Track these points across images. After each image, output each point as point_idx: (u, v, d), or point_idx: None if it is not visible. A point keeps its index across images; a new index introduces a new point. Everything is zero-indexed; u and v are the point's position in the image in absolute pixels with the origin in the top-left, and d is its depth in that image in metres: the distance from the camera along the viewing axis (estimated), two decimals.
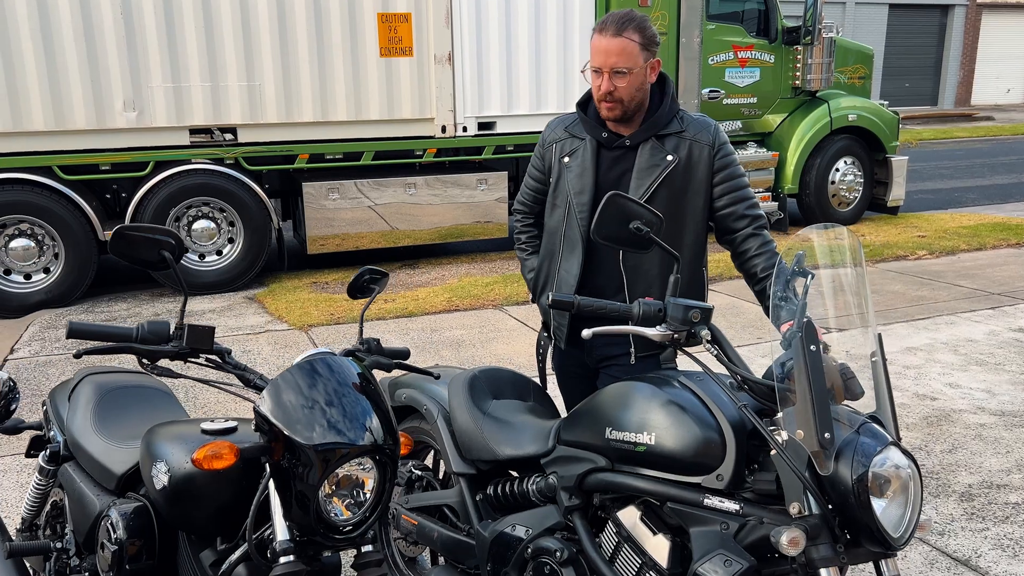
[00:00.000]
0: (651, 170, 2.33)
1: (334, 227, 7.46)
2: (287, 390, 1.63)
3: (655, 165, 2.33)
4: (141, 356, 1.71)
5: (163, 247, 1.74)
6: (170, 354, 1.72)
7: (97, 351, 1.67)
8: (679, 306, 1.77)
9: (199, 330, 1.74)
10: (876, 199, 9.60)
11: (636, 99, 2.30)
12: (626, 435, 1.83)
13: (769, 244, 2.37)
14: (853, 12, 25.76)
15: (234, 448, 1.60)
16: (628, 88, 2.26)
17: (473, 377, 2.45)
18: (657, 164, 2.33)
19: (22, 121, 6.38)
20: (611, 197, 1.84)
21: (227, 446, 1.60)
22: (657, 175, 2.32)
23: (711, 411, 1.77)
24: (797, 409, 1.60)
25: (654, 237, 1.83)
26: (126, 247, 1.73)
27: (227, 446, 1.60)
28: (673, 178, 2.33)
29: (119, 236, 1.71)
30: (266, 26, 6.85)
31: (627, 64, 2.24)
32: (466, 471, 2.35)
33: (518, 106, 7.82)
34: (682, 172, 2.34)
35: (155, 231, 1.74)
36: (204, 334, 1.74)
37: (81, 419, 2.28)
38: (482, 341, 5.62)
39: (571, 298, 1.84)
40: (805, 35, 8.74)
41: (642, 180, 2.33)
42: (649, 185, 2.32)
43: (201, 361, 1.79)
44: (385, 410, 1.69)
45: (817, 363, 1.59)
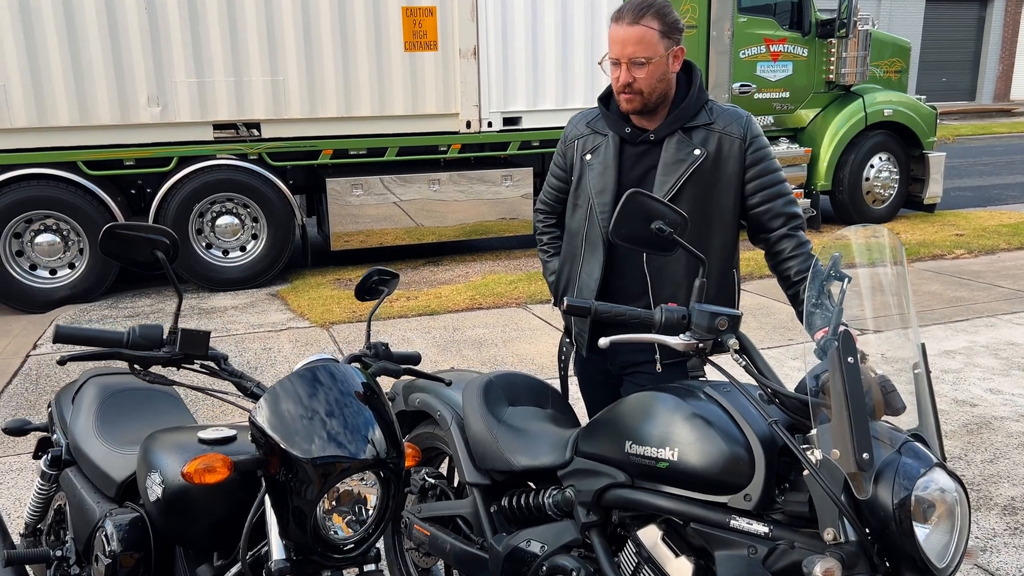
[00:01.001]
0: (677, 165, 2.20)
1: (358, 223, 7.40)
2: (285, 399, 1.54)
3: (681, 160, 2.20)
4: (132, 362, 1.62)
5: (157, 247, 1.65)
6: (162, 360, 1.63)
7: (84, 357, 1.59)
8: (704, 313, 1.64)
9: (193, 335, 1.65)
10: (912, 196, 9.33)
11: (658, 90, 2.18)
12: (647, 450, 1.72)
13: (805, 245, 2.23)
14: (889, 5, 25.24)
15: (227, 461, 1.51)
16: (648, 79, 2.13)
17: (488, 383, 2.34)
18: (683, 159, 2.20)
19: (47, 116, 6.38)
20: (631, 195, 1.72)
21: (220, 459, 1.51)
22: (684, 171, 2.19)
23: (739, 425, 1.65)
24: (833, 426, 1.47)
25: (678, 238, 1.71)
26: (117, 246, 1.63)
27: (220, 459, 1.51)
28: (701, 174, 2.20)
29: (109, 235, 1.61)
30: (290, 20, 6.80)
31: (646, 53, 2.11)
32: (480, 481, 2.24)
33: (544, 101, 7.69)
34: (711, 167, 2.21)
35: (148, 229, 1.65)
36: (198, 339, 1.65)
37: (84, 422, 2.21)
38: (504, 340, 5.52)
39: (587, 304, 1.72)
40: (840, 28, 8.51)
41: (667, 176, 2.20)
42: (675, 182, 2.19)
43: (196, 367, 1.70)
44: (390, 421, 1.59)
45: (855, 377, 1.46)
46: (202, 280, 6.99)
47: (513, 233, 8.02)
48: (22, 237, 6.57)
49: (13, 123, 6.32)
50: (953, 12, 26.22)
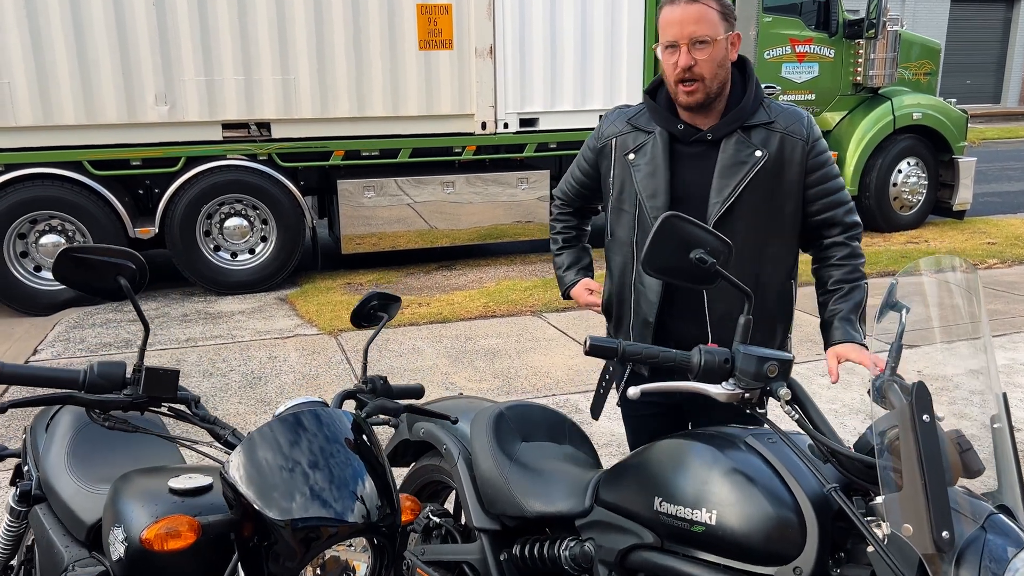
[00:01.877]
0: (737, 168, 1.98)
1: (370, 226, 7.21)
2: (263, 449, 1.33)
3: (742, 162, 1.98)
4: (88, 407, 1.41)
5: (120, 272, 1.44)
6: (124, 404, 1.43)
7: (31, 403, 1.38)
8: (751, 357, 1.41)
9: (160, 374, 1.44)
10: (941, 202, 9.04)
11: (719, 79, 1.96)
12: (680, 510, 1.50)
13: (855, 258, 2.05)
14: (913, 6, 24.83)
15: (195, 524, 1.31)
16: (710, 62, 1.92)
17: (499, 415, 2.13)
18: (744, 161, 1.98)
19: (53, 115, 6.23)
20: (667, 220, 1.49)
21: (186, 522, 1.31)
22: (744, 174, 1.98)
23: (787, 484, 1.43)
24: (904, 496, 1.24)
25: (721, 269, 1.48)
26: (74, 272, 1.42)
27: (186, 522, 1.31)
28: (762, 177, 1.99)
29: (64, 258, 1.40)
30: (302, 17, 6.61)
31: (708, 32, 1.90)
32: (489, 526, 2.03)
33: (562, 102, 7.47)
34: (772, 170, 2.00)
35: (111, 252, 1.44)
36: (166, 379, 1.44)
37: (56, 454, 2.02)
38: (518, 351, 5.30)
39: (614, 343, 1.50)
40: (868, 28, 8.23)
41: (726, 180, 1.98)
42: (735, 186, 1.98)
43: (164, 410, 1.49)
44: (384, 475, 1.38)
45: (932, 439, 1.23)
46: (209, 283, 6.82)
47: (529, 237, 7.80)
48: (27, 238, 6.42)
49: (18, 121, 6.17)
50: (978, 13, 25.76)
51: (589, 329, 5.75)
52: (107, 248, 1.44)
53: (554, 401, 4.46)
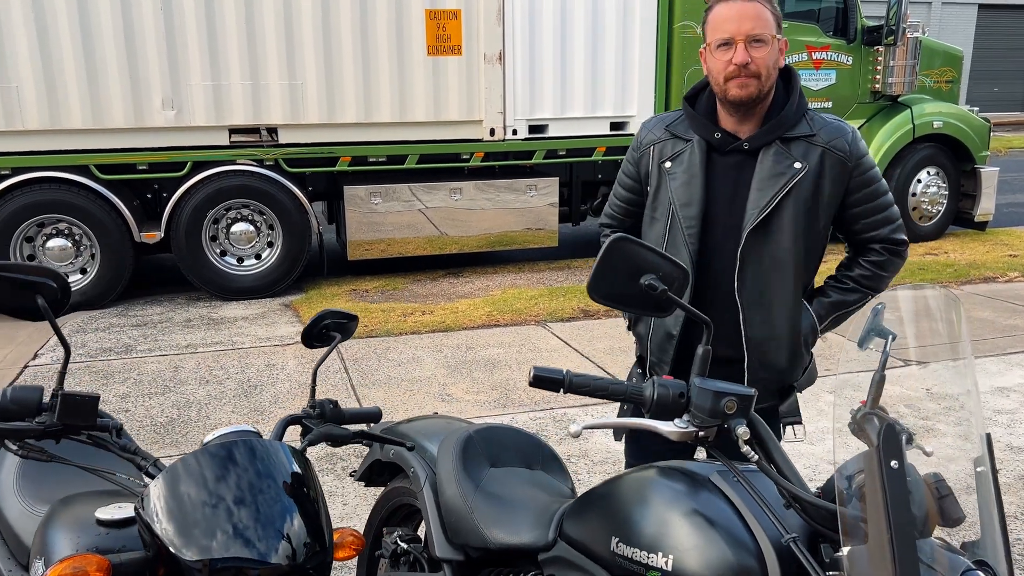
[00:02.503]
0: (775, 179, 1.91)
1: (376, 232, 7.15)
2: (185, 482, 1.25)
3: (780, 174, 1.91)
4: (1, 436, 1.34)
5: (40, 291, 1.37)
6: (36, 433, 1.35)
7: None
8: (707, 392, 1.31)
9: (77, 401, 1.36)
10: (962, 213, 8.83)
11: (771, 80, 1.91)
12: (636, 552, 1.40)
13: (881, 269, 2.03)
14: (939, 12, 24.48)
15: (104, 564, 1.23)
16: (766, 61, 1.87)
17: (468, 438, 2.03)
18: (783, 172, 1.91)
19: (60, 118, 6.24)
20: (614, 243, 1.39)
21: (95, 562, 1.23)
22: (782, 186, 1.91)
23: (750, 529, 1.32)
24: (871, 547, 1.14)
25: (673, 296, 1.38)
26: None
27: (95, 562, 1.23)
28: (800, 190, 1.92)
29: None
30: (309, 22, 6.57)
31: (765, 30, 1.86)
32: (452, 557, 1.93)
33: (572, 108, 7.37)
34: (810, 184, 1.93)
35: (29, 270, 1.37)
36: (83, 406, 1.36)
37: (6, 472, 1.95)
38: (519, 362, 5.21)
39: (558, 373, 1.39)
40: (888, 35, 8.06)
41: (764, 191, 1.92)
42: (772, 198, 1.91)
43: (82, 438, 1.41)
44: (316, 512, 1.29)
45: (900, 486, 1.12)
46: (215, 288, 6.79)
47: (537, 245, 7.71)
48: (34, 241, 6.43)
49: (25, 125, 6.18)
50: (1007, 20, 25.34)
51: (593, 340, 5.64)
52: (25, 266, 1.37)
53: (552, 415, 4.36)
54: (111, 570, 1.24)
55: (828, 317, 2.07)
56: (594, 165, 7.82)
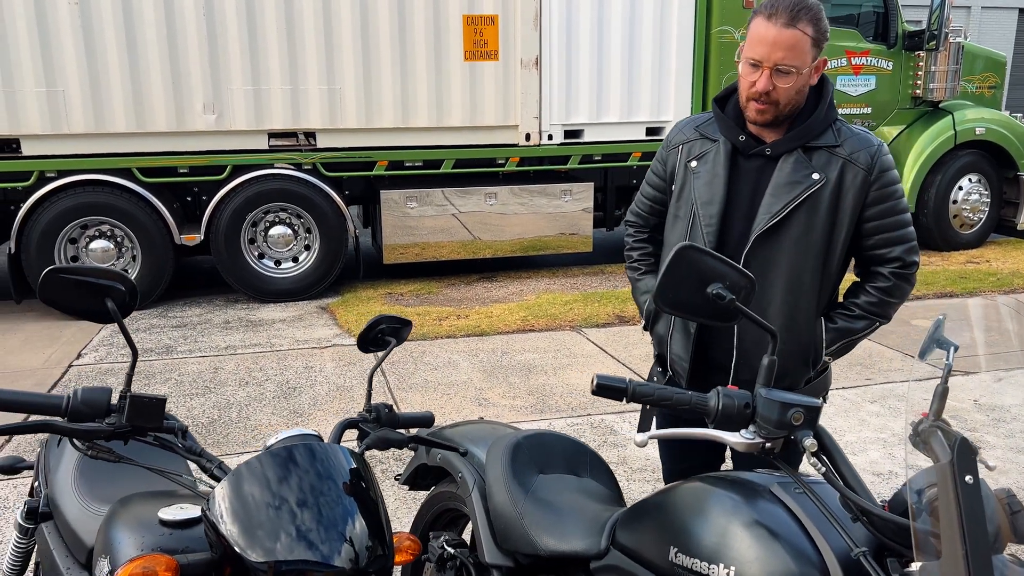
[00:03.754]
0: (790, 187, 1.91)
1: (412, 236, 7.19)
2: (249, 484, 1.27)
3: (796, 183, 1.91)
4: (69, 437, 1.36)
5: (109, 295, 1.39)
6: (106, 434, 1.37)
7: (10, 431, 1.34)
8: (774, 403, 1.30)
9: (145, 403, 1.38)
10: (1004, 221, 8.68)
11: (793, 103, 1.90)
12: (696, 563, 1.39)
13: (889, 295, 1.99)
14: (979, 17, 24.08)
15: (172, 564, 1.25)
16: (789, 91, 1.87)
17: (516, 445, 2.03)
18: (799, 182, 1.91)
19: (104, 122, 6.35)
20: (681, 250, 1.39)
21: (163, 562, 1.24)
22: (796, 195, 1.90)
23: (813, 540, 1.30)
24: (943, 564, 1.12)
25: (741, 306, 1.37)
26: (59, 292, 1.37)
27: (163, 562, 1.24)
28: (816, 202, 1.91)
29: (51, 280, 1.35)
30: (348, 28, 6.63)
31: (795, 62, 1.84)
32: (502, 563, 1.93)
33: (608, 114, 7.36)
34: (828, 196, 1.92)
35: (100, 274, 1.39)
36: (151, 408, 1.38)
37: (64, 471, 1.99)
38: (555, 368, 5.20)
39: (621, 382, 1.39)
40: (929, 40, 7.95)
41: (777, 198, 1.91)
42: (784, 205, 1.91)
43: (149, 440, 1.43)
44: (377, 514, 1.30)
45: (975, 502, 1.10)
46: (252, 291, 6.87)
47: (572, 250, 7.70)
48: (77, 243, 6.55)
49: (71, 129, 6.30)
50: None
51: (629, 347, 5.62)
52: (95, 269, 1.39)
53: (589, 421, 4.35)
54: (179, 570, 1.26)
55: (835, 344, 2.04)
56: (629, 170, 7.79)
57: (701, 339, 2.03)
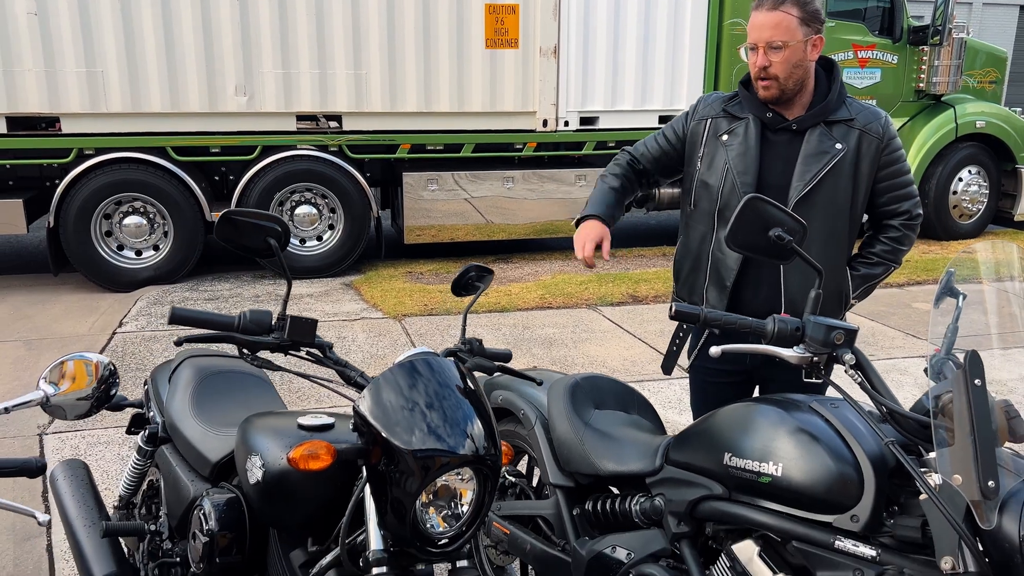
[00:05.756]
0: (819, 157, 2.21)
1: (431, 218, 7.46)
2: (388, 390, 1.54)
3: (823, 152, 2.21)
4: (241, 346, 1.65)
5: (269, 234, 1.68)
6: (271, 346, 1.66)
7: (198, 339, 1.62)
8: (820, 326, 1.59)
9: (301, 322, 1.67)
10: (1002, 212, 8.97)
11: (794, 77, 2.19)
12: (748, 463, 1.67)
13: (899, 243, 2.31)
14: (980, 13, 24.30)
15: (331, 449, 1.53)
16: (784, 64, 2.16)
17: (575, 384, 2.32)
18: (825, 151, 2.21)
19: (140, 103, 6.60)
20: (750, 201, 1.68)
21: (324, 446, 1.52)
22: (825, 163, 2.21)
23: (847, 443, 1.59)
24: (954, 450, 1.40)
25: (796, 247, 1.66)
26: (232, 232, 1.67)
27: (324, 446, 1.52)
28: (840, 168, 2.21)
29: (226, 220, 1.65)
30: (375, 15, 6.88)
31: (783, 37, 2.14)
32: (564, 483, 2.22)
33: (623, 101, 7.63)
34: (849, 163, 2.22)
35: (261, 217, 1.68)
36: (306, 327, 1.67)
37: (180, 402, 2.27)
38: (575, 341, 5.48)
39: (697, 310, 1.68)
40: (933, 35, 8.21)
41: (808, 167, 2.21)
42: (815, 173, 2.20)
43: (302, 354, 1.72)
44: (488, 417, 1.58)
45: (982, 400, 1.39)
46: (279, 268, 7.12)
47: None
48: (111, 218, 6.80)
49: (109, 108, 6.55)
50: None
51: (644, 323, 5.90)
52: (258, 212, 1.67)
53: None
54: (336, 454, 1.54)
55: (859, 288, 2.36)
56: None
57: (736, 295, 2.30)
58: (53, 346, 5.26)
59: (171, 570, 2.14)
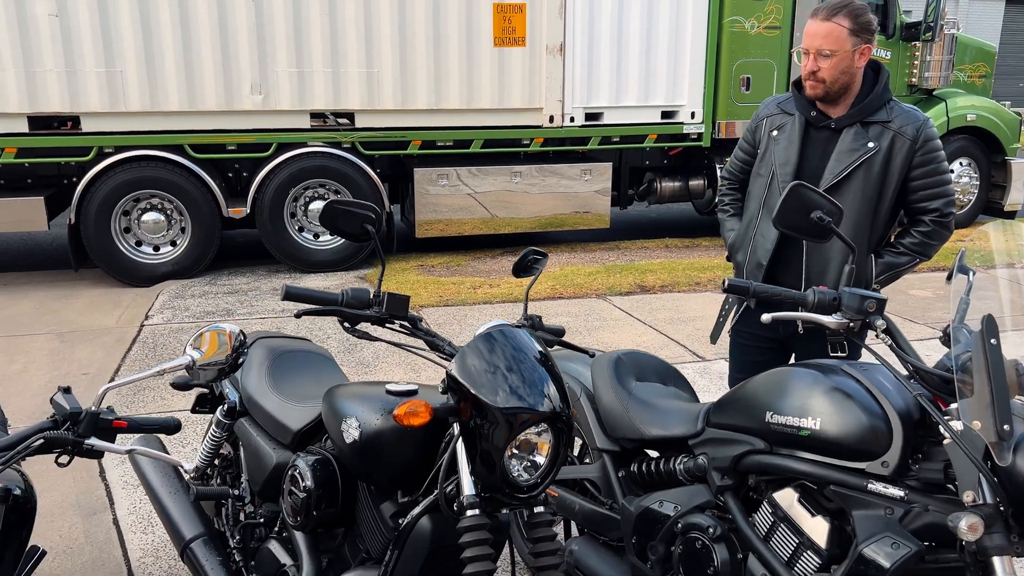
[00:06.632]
0: (850, 153, 2.46)
1: (441, 212, 7.66)
2: (475, 356, 1.75)
3: (855, 150, 2.46)
4: (346, 319, 1.86)
5: (365, 220, 1.89)
6: (371, 318, 1.87)
7: (311, 313, 1.83)
8: (855, 296, 1.82)
9: (397, 298, 1.88)
10: (992, 203, 9.25)
11: (840, 81, 2.43)
12: (789, 419, 1.89)
13: (929, 237, 2.51)
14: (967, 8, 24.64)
15: (429, 407, 1.73)
16: (831, 70, 2.40)
17: (618, 359, 2.53)
18: (857, 149, 2.45)
19: (159, 102, 6.77)
20: (794, 187, 1.91)
21: (423, 404, 1.73)
22: (855, 159, 2.45)
23: (876, 399, 1.81)
24: (974, 400, 1.62)
25: (834, 227, 1.88)
26: (335, 219, 1.89)
27: (423, 404, 1.73)
28: (871, 165, 2.45)
29: (329, 210, 1.87)
30: (386, 15, 7.07)
31: (831, 47, 2.38)
32: (610, 448, 2.44)
33: (626, 97, 7.84)
34: (881, 161, 2.45)
35: (359, 206, 1.89)
36: (401, 302, 1.88)
37: (256, 378, 2.47)
38: (588, 329, 5.70)
39: (747, 284, 1.91)
40: (925, 31, 8.47)
41: (840, 161, 2.46)
42: (845, 167, 2.45)
43: (396, 327, 1.93)
44: (560, 380, 1.79)
45: (997, 356, 1.61)
46: (294, 261, 7.32)
47: (588, 227, 8.20)
48: (130, 215, 6.97)
49: (128, 107, 6.71)
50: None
51: (653, 311, 6.13)
52: (356, 202, 1.89)
53: None
54: (433, 412, 1.74)
55: (883, 274, 2.59)
56: (642, 152, 8.30)
57: (771, 271, 2.55)
58: (85, 338, 5.44)
59: (255, 530, 2.35)
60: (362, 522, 1.98)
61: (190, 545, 2.33)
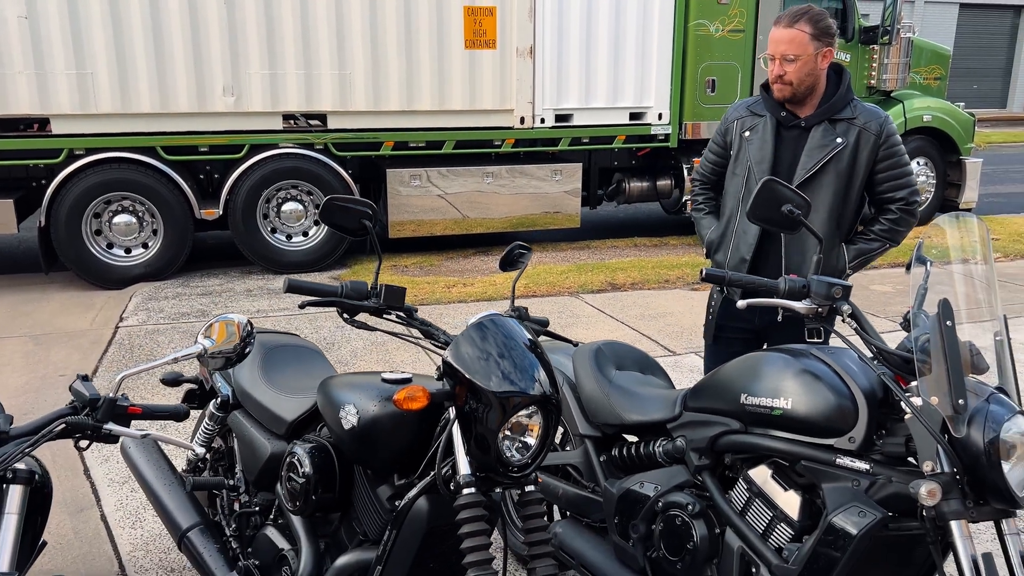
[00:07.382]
0: (820, 149, 2.63)
1: (414, 213, 7.73)
2: (469, 344, 1.85)
3: (824, 146, 2.63)
4: (345, 310, 1.94)
5: (362, 216, 1.98)
6: (369, 309, 1.96)
7: (313, 304, 1.92)
8: (823, 283, 1.96)
9: (394, 290, 1.98)
10: (948, 201, 9.54)
11: (806, 83, 2.59)
12: (762, 400, 2.02)
13: (896, 224, 2.69)
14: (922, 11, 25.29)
15: (427, 392, 1.83)
16: (797, 73, 2.56)
17: (598, 349, 2.65)
18: (826, 145, 2.62)
19: (130, 103, 6.75)
20: (766, 183, 2.04)
21: (421, 390, 1.82)
22: (825, 155, 2.62)
23: (844, 379, 1.94)
24: (931, 378, 1.76)
25: (802, 220, 2.02)
26: (333, 215, 1.97)
27: (421, 390, 1.82)
28: (839, 159, 2.62)
29: (328, 206, 1.96)
30: (358, 17, 7.13)
31: (795, 52, 2.55)
32: (592, 434, 2.55)
33: (595, 99, 7.99)
34: (848, 155, 2.62)
35: (355, 202, 1.98)
36: (398, 294, 1.98)
37: (249, 372, 2.54)
38: (562, 326, 5.82)
39: (723, 273, 2.04)
40: (883, 35, 8.73)
41: (811, 157, 2.63)
42: (816, 162, 2.62)
43: (392, 317, 2.02)
44: (548, 366, 1.90)
45: (952, 336, 1.75)
46: (267, 263, 7.34)
47: (559, 226, 8.32)
48: (101, 217, 6.94)
49: (99, 108, 6.69)
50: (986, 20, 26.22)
51: (624, 308, 6.27)
52: (353, 199, 1.98)
53: None
54: (431, 396, 1.83)
55: (854, 260, 2.76)
56: (610, 153, 8.45)
57: (754, 264, 2.71)
58: (60, 340, 5.43)
59: (250, 519, 2.42)
60: (359, 505, 2.07)
61: (187, 534, 2.40)
